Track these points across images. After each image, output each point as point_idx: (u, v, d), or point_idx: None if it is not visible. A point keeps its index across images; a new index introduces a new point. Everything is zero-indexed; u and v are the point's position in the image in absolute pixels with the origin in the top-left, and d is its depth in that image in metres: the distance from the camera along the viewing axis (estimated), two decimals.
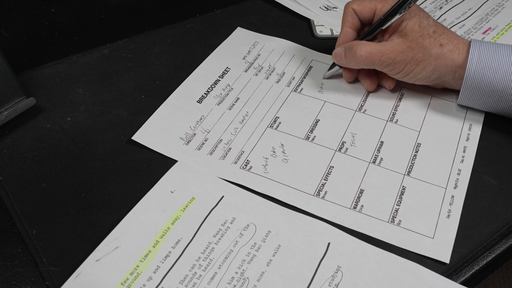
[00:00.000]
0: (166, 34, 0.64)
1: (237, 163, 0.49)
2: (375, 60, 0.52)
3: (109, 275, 0.40)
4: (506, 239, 0.45)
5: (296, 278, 0.41)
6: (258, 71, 0.60)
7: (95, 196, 0.46)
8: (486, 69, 0.50)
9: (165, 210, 0.45)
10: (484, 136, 0.53)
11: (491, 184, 0.49)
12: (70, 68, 0.59)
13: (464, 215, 0.46)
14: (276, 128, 0.53)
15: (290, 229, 0.44)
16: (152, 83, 0.57)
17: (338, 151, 0.51)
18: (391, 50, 0.52)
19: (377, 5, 0.54)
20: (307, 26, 0.67)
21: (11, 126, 0.52)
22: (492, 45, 0.51)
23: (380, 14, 0.53)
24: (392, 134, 0.53)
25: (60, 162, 0.49)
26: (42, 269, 0.41)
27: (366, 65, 0.53)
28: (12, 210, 0.45)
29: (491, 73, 0.50)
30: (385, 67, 0.53)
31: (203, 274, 0.41)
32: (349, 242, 0.44)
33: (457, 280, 0.42)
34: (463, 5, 0.71)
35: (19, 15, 0.66)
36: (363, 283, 0.41)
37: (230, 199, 0.46)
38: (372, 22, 0.55)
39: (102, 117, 0.53)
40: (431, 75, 0.53)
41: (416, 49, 0.51)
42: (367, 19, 0.55)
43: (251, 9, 0.69)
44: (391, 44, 0.52)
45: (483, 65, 0.50)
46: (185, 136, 0.51)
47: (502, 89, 0.50)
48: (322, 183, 0.48)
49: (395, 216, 0.46)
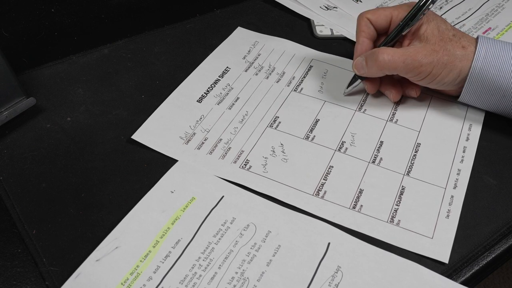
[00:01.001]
0: (166, 34, 0.64)
1: (237, 162, 0.49)
2: (398, 63, 0.50)
3: (109, 275, 0.40)
4: (506, 239, 0.45)
5: (296, 278, 0.41)
6: (258, 71, 0.60)
7: (95, 196, 0.46)
8: (491, 67, 0.49)
9: (165, 210, 0.45)
10: (484, 136, 0.53)
11: (491, 184, 0.49)
12: (70, 68, 0.59)
13: (464, 215, 0.46)
14: (276, 128, 0.53)
15: (290, 229, 0.44)
16: (152, 83, 0.57)
17: (337, 150, 0.51)
18: (415, 52, 0.50)
19: (392, 13, 0.53)
20: (307, 26, 0.67)
21: (11, 126, 0.52)
22: (499, 43, 0.50)
23: (396, 21, 0.52)
24: (392, 134, 0.53)
25: (60, 162, 0.49)
26: (42, 269, 0.41)
27: (389, 70, 0.51)
28: (12, 210, 0.45)
29: (496, 71, 0.49)
30: (409, 71, 0.51)
31: (203, 274, 0.41)
32: (349, 242, 0.44)
33: (457, 280, 0.42)
34: (463, 5, 0.71)
35: (19, 15, 0.66)
36: (363, 283, 0.41)
37: (230, 199, 0.46)
38: (388, 31, 0.54)
39: (102, 117, 0.53)
40: (457, 78, 0.51)
41: (440, 52, 0.50)
42: (382, 28, 0.54)
43: (251, 9, 0.69)
44: (413, 47, 0.51)
45: (488, 62, 0.49)
46: (185, 135, 0.51)
47: (506, 88, 0.50)
48: (321, 183, 0.48)
49: (395, 216, 0.46)
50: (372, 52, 0.52)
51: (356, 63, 0.54)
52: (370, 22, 0.53)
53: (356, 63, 0.53)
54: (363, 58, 0.52)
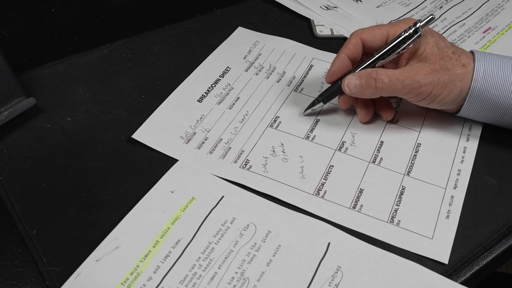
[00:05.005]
0: (166, 34, 0.64)
1: (237, 162, 0.49)
2: (397, 85, 0.48)
3: (109, 275, 0.40)
4: (506, 239, 0.45)
5: (296, 278, 0.41)
6: (258, 71, 0.60)
7: (95, 196, 0.46)
8: (490, 86, 0.48)
9: (165, 210, 0.45)
10: (484, 136, 0.53)
11: (491, 184, 0.49)
12: (70, 68, 0.59)
13: (464, 215, 0.46)
14: (276, 128, 0.53)
15: (290, 229, 0.44)
16: (152, 83, 0.57)
17: (338, 150, 0.51)
18: (414, 73, 0.48)
19: (389, 31, 0.50)
20: (307, 26, 0.67)
21: (11, 126, 0.52)
22: (496, 59, 0.48)
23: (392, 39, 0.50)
24: (392, 134, 0.53)
25: (60, 162, 0.49)
26: (42, 269, 0.41)
27: (387, 92, 0.49)
28: (12, 210, 0.45)
29: (496, 90, 0.48)
30: (409, 92, 0.48)
31: (203, 274, 0.41)
32: (349, 242, 0.44)
33: (457, 280, 0.42)
34: (463, 5, 0.71)
35: (19, 15, 0.66)
36: (363, 283, 0.41)
37: (230, 199, 0.46)
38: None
39: (102, 117, 0.53)
40: (457, 97, 0.49)
41: (440, 72, 0.48)
42: (378, 47, 0.51)
43: (251, 9, 0.69)
44: (412, 68, 0.49)
45: (487, 82, 0.48)
46: (185, 135, 0.51)
47: (506, 105, 0.48)
48: (322, 183, 0.48)
49: (395, 216, 0.46)
50: (368, 73, 0.49)
51: (349, 83, 0.50)
52: (362, 43, 0.51)
53: (349, 83, 0.50)
54: (357, 77, 0.49)
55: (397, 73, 0.48)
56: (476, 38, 0.65)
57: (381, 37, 0.51)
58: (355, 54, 0.51)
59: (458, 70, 0.48)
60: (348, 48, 0.51)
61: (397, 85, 0.48)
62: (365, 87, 0.49)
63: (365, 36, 0.51)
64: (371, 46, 0.51)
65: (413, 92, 0.48)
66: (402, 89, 0.48)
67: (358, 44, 0.51)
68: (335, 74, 0.52)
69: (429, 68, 0.48)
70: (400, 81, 0.48)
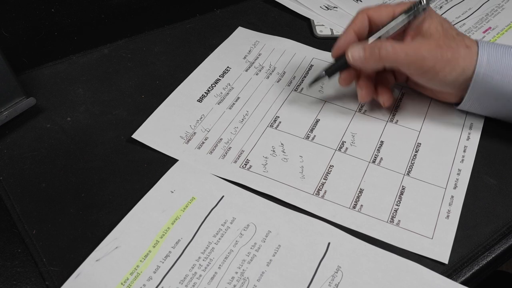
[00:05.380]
0: (166, 34, 0.64)
1: (237, 162, 0.49)
2: (400, 55, 0.48)
3: (109, 275, 0.40)
4: (506, 239, 0.45)
5: (296, 278, 0.41)
6: (258, 71, 0.60)
7: (95, 196, 0.46)
8: (494, 72, 0.48)
9: (165, 210, 0.45)
10: (485, 135, 0.53)
11: (491, 184, 0.49)
12: (70, 68, 0.59)
13: (464, 215, 0.46)
14: (276, 128, 0.53)
15: (290, 229, 0.44)
16: (152, 83, 0.57)
17: (338, 150, 0.51)
18: (418, 46, 0.49)
19: (395, 10, 0.51)
20: (307, 26, 0.67)
21: (11, 126, 0.52)
22: (499, 48, 0.49)
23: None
24: (392, 134, 0.53)
25: (60, 162, 0.49)
26: (42, 269, 0.41)
27: (390, 62, 0.50)
28: (12, 210, 0.45)
29: (500, 76, 0.48)
30: (411, 64, 0.49)
31: (203, 274, 0.41)
32: (349, 242, 0.44)
33: (457, 280, 0.42)
34: (463, 5, 0.71)
35: (19, 15, 0.66)
36: (363, 283, 0.41)
37: (230, 199, 0.46)
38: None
39: (102, 117, 0.53)
40: (459, 78, 0.49)
41: (444, 48, 0.48)
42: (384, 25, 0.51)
43: (251, 9, 0.69)
44: (417, 42, 0.49)
45: (491, 68, 0.48)
46: (185, 135, 0.51)
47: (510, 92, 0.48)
48: (322, 182, 0.48)
49: (395, 216, 0.46)
50: (373, 43, 0.50)
51: (353, 51, 0.50)
52: (369, 19, 0.52)
53: (353, 51, 0.50)
54: (361, 47, 0.50)
55: (401, 44, 0.49)
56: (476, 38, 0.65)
57: (387, 15, 0.51)
58: (362, 30, 0.52)
59: (462, 49, 0.49)
60: (355, 23, 0.52)
61: (400, 55, 0.49)
62: (369, 56, 0.50)
63: (371, 13, 0.52)
64: (377, 23, 0.52)
65: (416, 64, 0.49)
66: (405, 60, 0.49)
67: (365, 20, 0.52)
68: (341, 48, 0.53)
69: (434, 44, 0.49)
70: (403, 51, 0.48)
